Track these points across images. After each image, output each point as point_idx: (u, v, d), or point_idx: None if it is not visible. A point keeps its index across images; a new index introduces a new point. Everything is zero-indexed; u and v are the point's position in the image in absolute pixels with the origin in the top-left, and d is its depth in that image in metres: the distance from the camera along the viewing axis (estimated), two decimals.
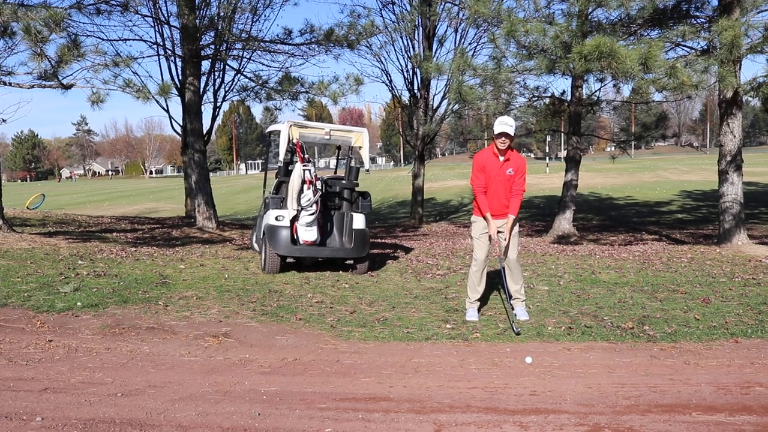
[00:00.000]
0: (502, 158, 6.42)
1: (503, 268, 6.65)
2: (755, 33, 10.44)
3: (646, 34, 12.47)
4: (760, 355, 5.39)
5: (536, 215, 22.97)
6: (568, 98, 14.83)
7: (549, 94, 15.17)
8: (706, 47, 11.35)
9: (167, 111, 19.06)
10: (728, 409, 4.19)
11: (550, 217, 16.72)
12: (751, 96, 11.75)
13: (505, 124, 6.24)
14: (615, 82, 14.03)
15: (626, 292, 8.06)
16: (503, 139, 6.29)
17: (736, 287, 8.15)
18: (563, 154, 23.01)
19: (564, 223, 14.86)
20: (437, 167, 63.91)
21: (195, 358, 5.39)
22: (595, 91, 15.89)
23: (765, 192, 28.41)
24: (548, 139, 58.60)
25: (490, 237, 6.56)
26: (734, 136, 11.54)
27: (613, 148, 21.82)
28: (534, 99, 15.07)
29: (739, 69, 11.05)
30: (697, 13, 12.47)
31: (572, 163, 14.85)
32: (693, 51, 11.76)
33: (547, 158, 61.81)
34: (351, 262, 9.82)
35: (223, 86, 18.55)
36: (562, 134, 19.19)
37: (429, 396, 4.48)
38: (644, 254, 11.49)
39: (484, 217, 6.50)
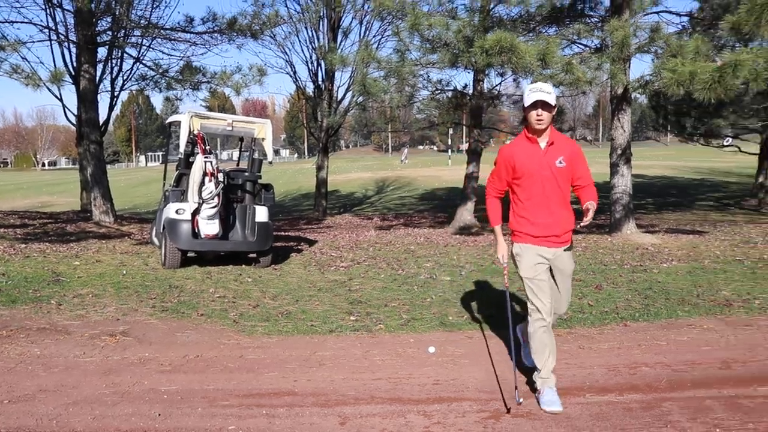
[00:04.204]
0: (543, 144, 4.18)
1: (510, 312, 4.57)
2: (643, 33, 10.99)
3: (544, 31, 12.89)
4: (646, 337, 5.70)
5: (438, 207, 23.36)
6: (470, 92, 15.12)
7: (451, 88, 15.42)
8: (599, 45, 11.84)
9: (60, 100, 18.11)
10: (618, 389, 4.40)
11: (452, 209, 17.03)
12: (639, 93, 12.38)
13: (540, 91, 4.04)
14: (515, 77, 14.39)
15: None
16: (539, 111, 4.04)
17: (625, 274, 8.57)
18: (465, 146, 23.49)
19: (466, 214, 15.16)
20: (341, 159, 63.98)
21: (90, 358, 5.17)
22: (496, 85, 16.25)
23: (651, 184, 30.01)
24: (450, 131, 59.71)
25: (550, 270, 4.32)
26: (624, 131, 12.10)
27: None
28: (437, 92, 15.28)
29: (629, 67, 11.59)
30: (591, 13, 13.00)
31: (474, 155, 15.16)
32: (587, 49, 12.26)
33: (449, 151, 62.98)
34: (254, 255, 9.69)
35: (121, 75, 17.83)
36: (464, 127, 19.57)
37: (334, 389, 4.48)
38: None
39: (494, 231, 4.48)
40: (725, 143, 22.90)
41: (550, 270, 4.31)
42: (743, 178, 28.58)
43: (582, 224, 4.22)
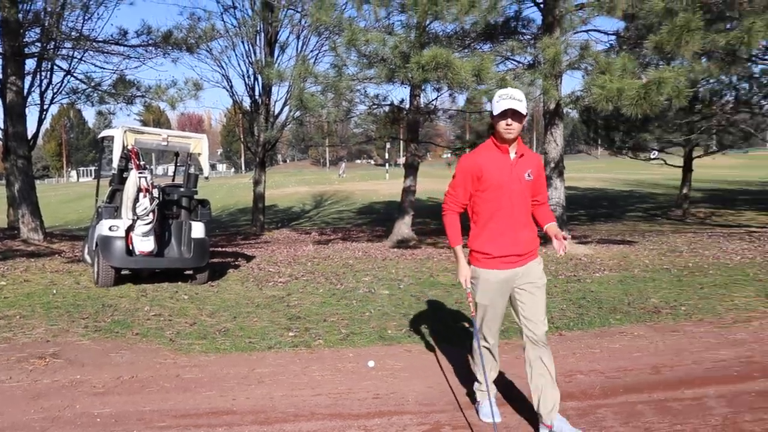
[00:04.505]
0: (513, 155, 3.84)
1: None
2: (573, 51, 11.35)
3: (479, 47, 13.16)
4: (581, 346, 5.86)
5: (376, 221, 23.45)
6: (407, 106, 15.29)
7: (389, 102, 15.57)
8: (532, 62, 12.15)
9: None
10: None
11: (390, 223, 17.14)
12: (570, 108, 12.76)
13: (510, 98, 3.69)
14: (451, 92, 14.62)
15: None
16: (509, 121, 3.70)
17: (560, 284, 8.78)
18: (402, 160, 23.67)
19: (403, 227, 15.27)
20: (279, 174, 63.57)
21: (18, 383, 4.99)
22: (433, 100, 16.47)
23: (583, 195, 30.84)
24: (388, 146, 60.01)
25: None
26: (557, 145, 12.43)
27: (449, 155, 22.75)
28: (374, 107, 15.39)
29: (561, 83, 11.93)
30: (524, 30, 13.35)
31: (411, 169, 15.31)
32: (521, 65, 12.56)
33: (387, 165, 63.31)
34: (190, 272, 9.53)
35: (51, 87, 17.23)
36: (401, 141, 19.74)
37: (273, 406, 4.45)
38: None
39: (454, 252, 4.06)
40: (652, 156, 23.74)
41: (517, 289, 3.88)
42: (669, 189, 29.66)
43: (561, 253, 3.88)
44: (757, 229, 16.12)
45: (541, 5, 12.06)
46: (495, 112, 3.73)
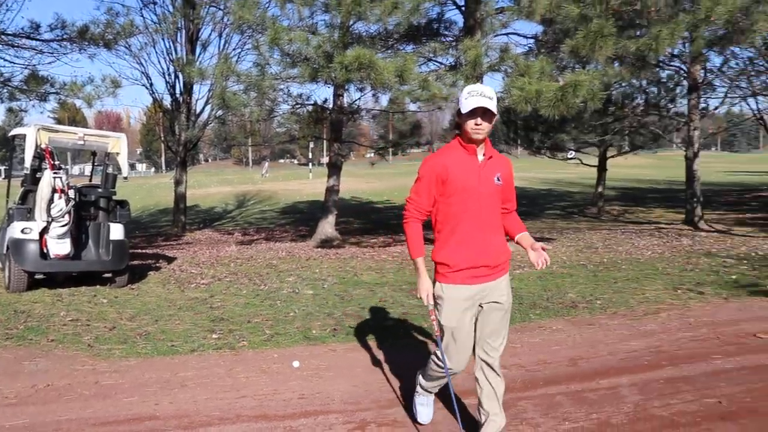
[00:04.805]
0: (481, 156, 3.49)
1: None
2: (494, 53, 11.60)
3: (402, 48, 13.27)
4: (512, 340, 5.99)
5: (300, 220, 23.32)
6: (330, 106, 15.28)
7: (312, 102, 15.50)
8: (454, 63, 12.34)
9: None
10: (476, 392, 4.60)
11: (313, 222, 17.10)
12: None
13: (480, 95, 3.33)
14: (374, 92, 14.69)
15: (387, 291, 8.51)
16: (478, 120, 3.34)
17: None
18: (326, 160, 23.64)
19: (327, 227, 15.26)
20: (201, 173, 62.27)
21: None
22: (356, 100, 16.49)
23: None
24: (311, 145, 59.73)
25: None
26: None
27: (372, 155, 22.86)
28: (297, 106, 15.30)
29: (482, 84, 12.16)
30: (446, 32, 13.55)
31: (334, 169, 15.31)
32: (443, 66, 12.74)
33: (310, 164, 63.05)
34: (109, 275, 9.25)
35: None
36: (325, 141, 19.72)
37: (197, 410, 4.39)
38: (402, 254, 12.20)
39: (414, 264, 3.56)
40: (569, 156, 24.49)
41: (483, 305, 3.51)
42: (585, 188, 30.65)
43: (540, 267, 3.52)
44: (665, 225, 16.88)
45: (463, 8, 12.26)
46: (463, 110, 3.34)
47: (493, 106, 3.31)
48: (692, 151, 16.41)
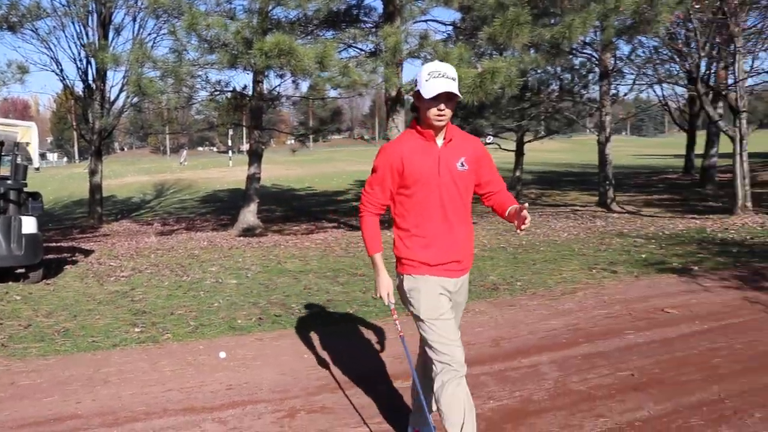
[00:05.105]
0: (441, 142, 3.14)
1: (415, 370, 3.58)
2: (413, 40, 11.71)
3: (322, 34, 13.21)
4: None
5: (221, 209, 22.97)
6: (250, 93, 15.07)
7: (231, 89, 15.27)
8: (374, 50, 12.39)
9: None
10: (404, 375, 4.68)
11: (235, 211, 16.89)
12: (411, 95, 13.10)
13: (444, 77, 2.98)
14: (294, 79, 14.62)
15: (311, 279, 8.51)
16: (441, 106, 3.00)
17: None
18: (246, 147, 23.32)
19: (249, 215, 15.08)
20: (117, 162, 60.29)
21: None
22: (276, 87, 16.39)
23: None
24: (231, 132, 58.76)
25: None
26: (399, 130, 12.76)
27: (293, 141, 22.69)
28: (216, 93, 15.06)
29: (401, 71, 12.26)
30: (366, 19, 13.56)
31: (255, 156, 15.13)
32: (363, 52, 12.76)
33: (230, 152, 62.04)
34: (22, 270, 8.88)
35: None
36: (245, 128, 19.46)
37: (122, 406, 4.30)
38: (325, 241, 12.21)
39: (372, 261, 3.30)
40: (487, 141, 24.93)
41: None
42: (504, 172, 31.13)
43: (524, 228, 3.20)
44: (580, 207, 17.50)
45: None
46: (426, 96, 2.97)
47: (455, 88, 2.98)
48: (604, 135, 17.06)
